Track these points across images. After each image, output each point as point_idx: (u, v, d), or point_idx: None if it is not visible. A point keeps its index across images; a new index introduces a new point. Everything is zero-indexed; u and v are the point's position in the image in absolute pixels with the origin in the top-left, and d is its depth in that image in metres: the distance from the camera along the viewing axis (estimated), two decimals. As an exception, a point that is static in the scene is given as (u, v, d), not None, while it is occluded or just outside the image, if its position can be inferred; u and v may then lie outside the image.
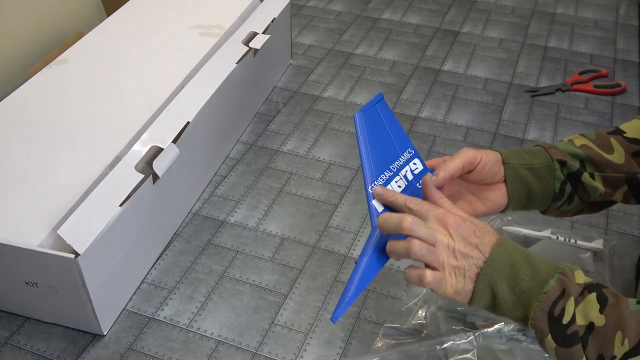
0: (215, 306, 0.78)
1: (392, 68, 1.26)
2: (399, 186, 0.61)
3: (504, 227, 0.85)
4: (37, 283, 0.70)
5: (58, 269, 0.67)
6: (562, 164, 0.65)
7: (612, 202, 0.68)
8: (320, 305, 0.78)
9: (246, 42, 1.02)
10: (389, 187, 0.61)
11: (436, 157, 0.68)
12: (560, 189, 0.65)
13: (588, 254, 0.81)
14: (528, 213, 0.90)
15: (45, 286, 0.70)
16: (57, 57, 0.99)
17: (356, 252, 0.85)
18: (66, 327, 0.75)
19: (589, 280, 0.53)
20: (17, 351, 0.73)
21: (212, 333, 0.75)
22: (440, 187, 0.60)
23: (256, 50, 1.03)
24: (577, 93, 1.19)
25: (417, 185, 0.63)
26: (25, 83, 0.93)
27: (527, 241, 0.84)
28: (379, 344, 0.72)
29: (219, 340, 0.74)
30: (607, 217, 0.91)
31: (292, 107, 1.14)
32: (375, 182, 0.60)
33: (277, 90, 1.19)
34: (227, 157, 1.02)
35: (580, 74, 1.23)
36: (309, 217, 0.91)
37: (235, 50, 1.00)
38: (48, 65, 0.97)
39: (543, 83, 1.22)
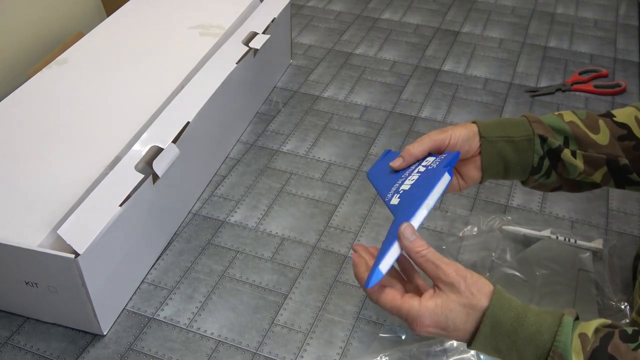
0: (215, 306, 0.78)
1: (392, 68, 1.26)
2: (413, 179, 0.64)
3: (504, 227, 0.86)
4: (37, 283, 0.70)
5: (58, 269, 0.67)
6: (543, 139, 0.66)
7: (594, 185, 0.69)
8: (320, 305, 0.78)
9: (246, 42, 1.02)
10: (403, 187, 0.63)
11: None
12: (539, 163, 0.66)
13: (588, 253, 0.81)
14: (528, 213, 0.91)
15: (45, 286, 0.70)
16: (57, 57, 0.99)
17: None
18: (66, 327, 0.75)
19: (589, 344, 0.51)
20: (17, 351, 0.73)
21: (212, 333, 0.75)
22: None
23: (256, 50, 1.03)
24: (577, 93, 1.19)
25: (429, 168, 0.64)
26: (25, 83, 0.93)
27: (527, 241, 0.85)
28: (379, 344, 0.72)
29: (219, 340, 0.74)
30: (607, 217, 0.91)
31: (292, 107, 1.14)
32: (389, 192, 0.64)
33: (277, 90, 1.19)
34: (227, 157, 1.02)
35: (580, 74, 1.23)
36: (309, 217, 0.91)
37: (235, 50, 1.00)
38: (48, 65, 0.97)
39: (543, 83, 1.22)
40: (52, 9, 1.24)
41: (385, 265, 0.56)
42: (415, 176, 0.64)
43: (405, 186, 0.64)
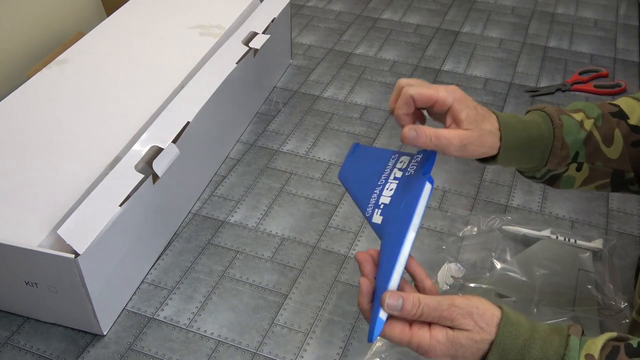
0: (215, 306, 0.78)
1: (392, 68, 1.26)
2: (391, 189, 0.60)
3: (504, 227, 0.86)
4: (37, 283, 0.70)
5: (58, 269, 0.67)
6: (556, 177, 0.64)
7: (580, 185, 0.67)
8: (320, 305, 0.78)
9: (246, 42, 1.02)
10: (382, 200, 0.59)
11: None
12: (543, 174, 0.65)
13: (588, 253, 0.81)
14: (528, 213, 0.91)
15: (45, 286, 0.70)
16: (57, 57, 0.99)
17: (356, 252, 0.85)
18: (66, 327, 0.75)
19: None
20: (17, 351, 0.73)
21: (212, 333, 0.75)
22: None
23: (256, 50, 1.03)
24: (577, 93, 1.19)
25: (406, 174, 0.60)
26: (25, 83, 0.93)
27: (527, 241, 0.85)
28: (379, 344, 0.72)
29: (219, 340, 0.74)
30: (607, 217, 0.91)
31: (292, 107, 1.14)
32: (369, 206, 0.60)
33: (277, 90, 1.19)
34: (227, 157, 1.02)
35: (580, 74, 1.23)
36: (309, 217, 0.91)
37: (235, 50, 1.00)
38: (48, 65, 0.97)
39: (543, 83, 1.22)
40: (52, 9, 1.24)
41: (384, 314, 0.53)
42: (393, 185, 0.60)
43: (385, 199, 0.59)
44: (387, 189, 0.60)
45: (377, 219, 0.58)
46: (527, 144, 0.61)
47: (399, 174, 0.61)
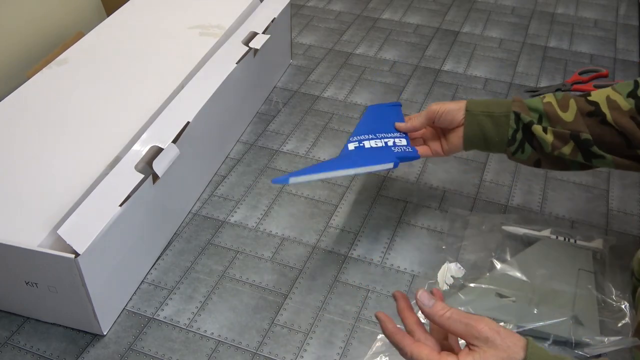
0: (215, 306, 0.78)
1: (392, 68, 1.26)
2: (377, 144, 0.83)
3: (504, 227, 0.86)
4: (37, 283, 0.70)
5: (58, 269, 0.67)
6: (518, 115, 0.77)
7: (580, 166, 0.77)
8: (320, 305, 0.78)
9: (246, 42, 1.02)
10: (365, 143, 0.83)
11: (437, 157, 0.88)
12: (512, 136, 0.78)
13: (588, 253, 0.81)
14: (528, 213, 0.91)
15: (45, 286, 0.70)
16: (57, 57, 0.99)
17: (356, 252, 0.85)
18: (66, 327, 0.75)
19: None
20: (17, 351, 0.73)
21: (212, 333, 0.75)
22: None
23: (256, 50, 1.03)
24: (577, 93, 1.19)
25: (392, 148, 0.82)
26: (25, 83, 0.93)
27: (527, 241, 0.85)
28: (379, 344, 0.72)
29: (219, 340, 0.74)
30: (607, 217, 0.91)
31: (292, 107, 1.14)
32: (357, 137, 0.84)
33: (277, 90, 1.19)
34: (227, 157, 1.02)
35: (580, 74, 1.23)
36: (309, 217, 0.91)
37: (235, 50, 1.00)
38: (48, 65, 0.97)
39: (543, 83, 1.22)
40: (52, 9, 1.24)
41: (299, 179, 0.74)
42: (381, 143, 0.83)
43: (368, 144, 0.83)
44: (377, 141, 0.84)
45: (351, 146, 0.83)
46: (488, 104, 0.80)
47: (390, 143, 0.83)
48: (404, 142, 0.83)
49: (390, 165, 0.79)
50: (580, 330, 0.72)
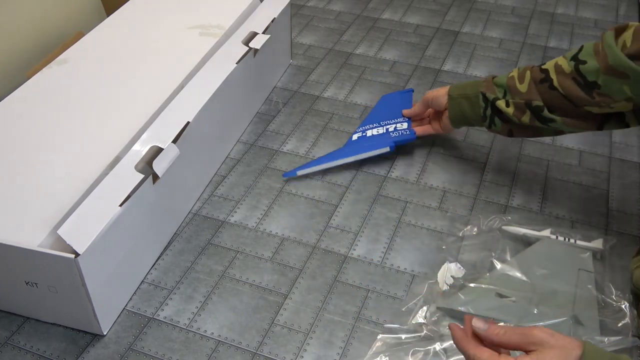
0: (215, 306, 0.78)
1: (392, 68, 1.26)
2: (378, 132, 1.00)
3: (504, 227, 0.86)
4: (37, 283, 0.70)
5: (58, 269, 0.67)
6: (484, 94, 0.87)
7: (553, 132, 0.84)
8: (320, 305, 0.78)
9: (246, 42, 1.02)
10: (367, 132, 1.01)
11: (437, 157, 1.00)
12: (484, 113, 0.88)
13: (588, 253, 0.81)
14: (528, 213, 0.91)
15: (45, 286, 0.70)
16: (57, 57, 0.99)
17: (356, 252, 0.85)
18: (66, 327, 0.75)
19: None
20: (17, 351, 0.73)
21: (212, 333, 0.75)
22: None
23: (256, 50, 1.03)
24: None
25: (391, 132, 0.99)
26: (25, 83, 0.93)
27: (527, 241, 0.85)
28: (379, 344, 0.72)
29: (219, 340, 0.74)
30: (607, 217, 0.91)
31: (292, 107, 1.14)
32: (362, 127, 1.03)
33: (277, 90, 1.19)
34: (227, 157, 1.02)
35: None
36: (309, 217, 0.91)
37: (235, 50, 1.00)
38: (48, 65, 0.97)
39: (543, 83, 1.22)
40: (52, 9, 1.24)
41: (305, 171, 0.96)
42: (382, 130, 1.00)
43: (370, 132, 1.01)
44: (379, 129, 1.01)
45: (355, 137, 1.02)
46: (465, 86, 0.91)
47: (391, 128, 1.00)
48: (405, 125, 1.00)
49: (387, 149, 0.96)
50: (580, 330, 0.72)
